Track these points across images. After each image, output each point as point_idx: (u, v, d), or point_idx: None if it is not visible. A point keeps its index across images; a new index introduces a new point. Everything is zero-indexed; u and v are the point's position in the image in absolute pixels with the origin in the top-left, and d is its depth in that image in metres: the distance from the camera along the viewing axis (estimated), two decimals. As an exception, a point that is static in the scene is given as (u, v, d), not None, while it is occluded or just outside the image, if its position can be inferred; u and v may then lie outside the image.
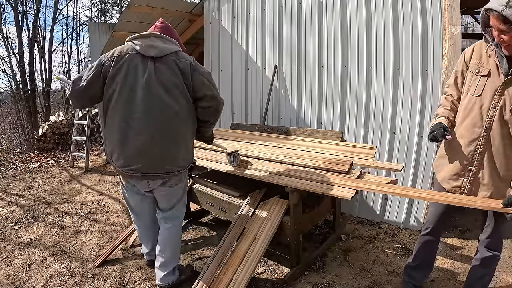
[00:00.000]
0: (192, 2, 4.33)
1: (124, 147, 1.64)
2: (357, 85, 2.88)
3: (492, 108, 1.40)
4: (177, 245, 2.03)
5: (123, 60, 1.62)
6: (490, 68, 1.42)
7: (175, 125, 1.68)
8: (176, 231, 2.01)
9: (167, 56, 1.65)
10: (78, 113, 5.71)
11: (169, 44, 1.70)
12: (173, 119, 1.66)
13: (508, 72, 1.36)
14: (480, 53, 1.47)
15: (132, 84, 1.61)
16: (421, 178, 2.67)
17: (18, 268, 2.37)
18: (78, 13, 15.33)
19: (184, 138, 1.75)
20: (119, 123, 1.62)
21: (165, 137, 1.65)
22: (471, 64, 1.50)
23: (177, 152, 1.72)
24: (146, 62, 1.62)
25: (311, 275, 2.16)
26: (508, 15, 1.20)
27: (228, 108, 3.90)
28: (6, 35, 11.63)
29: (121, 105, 1.61)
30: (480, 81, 1.44)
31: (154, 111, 1.61)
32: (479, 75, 1.45)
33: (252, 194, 2.37)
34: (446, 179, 1.61)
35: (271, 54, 3.44)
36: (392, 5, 2.63)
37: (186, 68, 1.67)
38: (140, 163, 1.64)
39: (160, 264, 1.97)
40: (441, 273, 2.16)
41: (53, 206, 3.59)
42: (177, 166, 1.75)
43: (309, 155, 2.36)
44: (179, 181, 1.89)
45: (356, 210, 3.06)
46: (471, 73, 1.49)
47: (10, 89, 11.79)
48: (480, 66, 1.45)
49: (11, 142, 10.08)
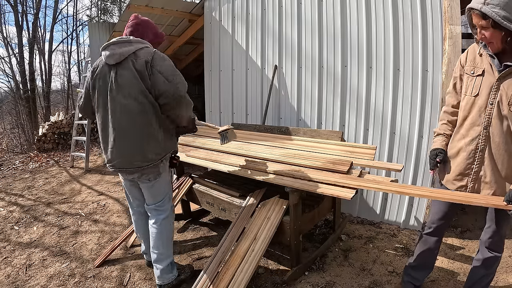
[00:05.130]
0: (192, 2, 4.33)
1: (105, 147, 1.88)
2: (357, 85, 2.89)
3: (490, 105, 1.42)
4: (167, 239, 2.04)
5: (96, 73, 1.83)
6: (484, 67, 1.46)
7: (138, 123, 1.78)
8: (163, 225, 2.02)
9: (126, 59, 1.76)
10: (78, 113, 5.71)
11: (127, 46, 1.77)
12: (135, 118, 1.77)
13: (500, 68, 1.39)
14: (473, 55, 1.52)
15: (103, 92, 1.81)
16: (421, 178, 2.67)
17: (18, 268, 2.37)
18: (78, 13, 15.35)
19: (151, 134, 1.82)
20: (100, 127, 1.87)
21: (130, 136, 1.80)
22: (466, 67, 1.54)
23: (143, 148, 1.81)
24: (110, 70, 1.79)
25: (311, 275, 2.16)
26: (486, 12, 1.29)
27: (228, 108, 3.90)
28: (6, 35, 11.64)
29: (100, 111, 1.85)
30: (476, 81, 1.47)
31: (117, 114, 1.78)
32: (474, 76, 1.49)
33: (252, 194, 2.37)
34: (450, 180, 1.62)
35: (271, 54, 3.44)
36: (392, 5, 2.63)
37: (143, 67, 1.74)
38: (115, 160, 1.85)
39: (154, 260, 2.02)
40: (441, 273, 2.16)
41: (53, 206, 3.60)
42: (146, 161, 1.83)
43: (309, 155, 2.36)
44: (158, 175, 1.93)
45: (356, 210, 3.06)
46: (467, 75, 1.53)
47: (10, 89, 11.78)
48: (474, 67, 1.50)
49: (11, 142, 10.07)
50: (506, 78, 1.38)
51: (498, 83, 1.39)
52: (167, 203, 2.05)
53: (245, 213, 2.23)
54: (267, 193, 2.36)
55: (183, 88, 1.79)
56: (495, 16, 1.27)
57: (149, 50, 1.80)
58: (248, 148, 2.63)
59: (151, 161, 1.84)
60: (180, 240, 2.69)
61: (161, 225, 2.01)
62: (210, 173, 2.98)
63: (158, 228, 2.00)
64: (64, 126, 7.27)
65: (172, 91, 1.74)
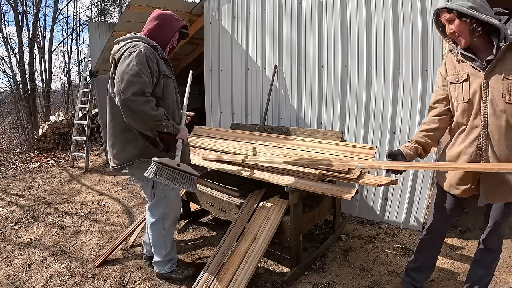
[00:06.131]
0: (192, 2, 4.33)
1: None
2: (357, 85, 2.88)
3: (483, 104, 1.42)
4: (156, 241, 2.04)
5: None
6: (467, 71, 1.46)
7: (113, 122, 1.81)
8: (153, 227, 2.02)
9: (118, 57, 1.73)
10: (78, 113, 5.71)
11: (120, 43, 1.77)
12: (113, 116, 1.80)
13: (483, 65, 1.41)
14: (452, 64, 1.53)
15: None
16: (421, 178, 2.67)
17: (18, 268, 2.37)
18: (78, 13, 15.34)
19: (122, 133, 1.79)
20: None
21: (110, 134, 1.84)
22: (449, 77, 1.54)
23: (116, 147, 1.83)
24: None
25: (311, 275, 2.16)
26: (452, 6, 1.39)
27: (228, 108, 3.90)
28: (6, 35, 11.64)
29: None
30: (464, 87, 1.47)
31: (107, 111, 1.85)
32: (460, 82, 1.49)
33: (252, 194, 2.37)
34: (454, 185, 1.58)
35: (271, 54, 3.44)
36: (392, 5, 2.63)
37: (114, 64, 1.71)
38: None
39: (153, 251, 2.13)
40: (441, 273, 2.16)
41: (53, 206, 3.60)
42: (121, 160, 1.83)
43: (309, 155, 2.36)
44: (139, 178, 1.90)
45: (356, 210, 3.06)
46: (453, 84, 1.52)
47: (10, 89, 11.78)
48: (457, 74, 1.50)
49: (11, 142, 10.07)
50: (492, 74, 1.39)
51: (486, 80, 1.40)
52: (153, 208, 2.01)
53: (245, 213, 2.23)
54: (267, 193, 2.36)
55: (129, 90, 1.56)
56: (459, 7, 1.36)
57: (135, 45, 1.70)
58: (248, 148, 2.63)
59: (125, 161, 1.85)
60: (180, 240, 2.69)
61: (152, 226, 2.03)
62: (210, 173, 2.98)
63: (151, 228, 2.05)
64: (64, 126, 7.27)
65: (120, 89, 1.58)
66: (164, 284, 2.12)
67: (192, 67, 6.84)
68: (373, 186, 2.46)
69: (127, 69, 1.59)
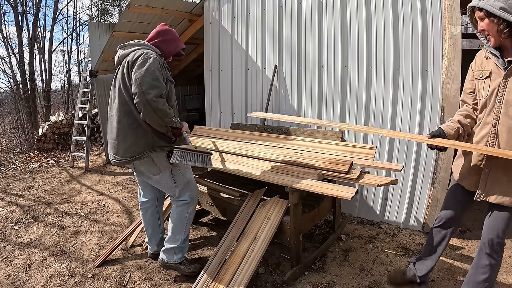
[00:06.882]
0: (192, 2, 4.33)
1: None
2: (357, 85, 2.89)
3: (497, 103, 1.46)
4: (177, 225, 2.11)
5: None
6: (491, 68, 1.49)
7: (125, 119, 1.93)
8: (178, 210, 2.13)
9: (124, 60, 1.95)
10: (78, 113, 5.71)
11: (129, 49, 1.98)
12: (124, 114, 1.92)
13: (505, 65, 1.43)
14: (481, 59, 1.57)
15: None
16: (421, 178, 2.67)
17: (18, 268, 2.37)
18: (78, 13, 15.36)
19: (133, 129, 1.93)
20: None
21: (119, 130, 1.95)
22: (475, 72, 1.59)
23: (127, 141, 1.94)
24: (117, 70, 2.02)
25: (311, 275, 2.16)
26: (482, 5, 1.40)
27: (228, 108, 3.90)
28: (6, 35, 11.65)
29: None
30: (485, 83, 1.52)
31: (114, 109, 1.97)
32: (483, 79, 1.53)
33: (252, 194, 2.37)
34: (464, 178, 1.65)
35: (271, 54, 3.44)
36: (392, 5, 2.63)
37: (128, 67, 1.89)
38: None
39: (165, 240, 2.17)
40: (441, 273, 2.16)
41: (53, 206, 3.60)
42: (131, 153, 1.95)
43: (309, 155, 2.36)
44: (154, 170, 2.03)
45: (356, 210, 3.06)
46: (477, 80, 1.57)
47: (10, 89, 11.79)
48: (482, 70, 1.54)
49: (11, 142, 10.08)
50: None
51: (505, 80, 1.43)
52: (182, 193, 2.14)
53: (245, 213, 2.23)
54: (267, 193, 2.36)
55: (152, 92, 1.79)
56: (489, 7, 1.37)
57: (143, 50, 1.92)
58: (248, 148, 2.63)
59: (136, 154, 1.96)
60: (180, 240, 2.69)
61: (174, 211, 2.14)
62: (210, 173, 2.98)
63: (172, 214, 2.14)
64: (64, 126, 7.27)
65: (141, 91, 1.80)
66: (164, 284, 2.12)
67: (192, 67, 6.86)
68: (373, 186, 2.46)
69: (147, 73, 1.81)
